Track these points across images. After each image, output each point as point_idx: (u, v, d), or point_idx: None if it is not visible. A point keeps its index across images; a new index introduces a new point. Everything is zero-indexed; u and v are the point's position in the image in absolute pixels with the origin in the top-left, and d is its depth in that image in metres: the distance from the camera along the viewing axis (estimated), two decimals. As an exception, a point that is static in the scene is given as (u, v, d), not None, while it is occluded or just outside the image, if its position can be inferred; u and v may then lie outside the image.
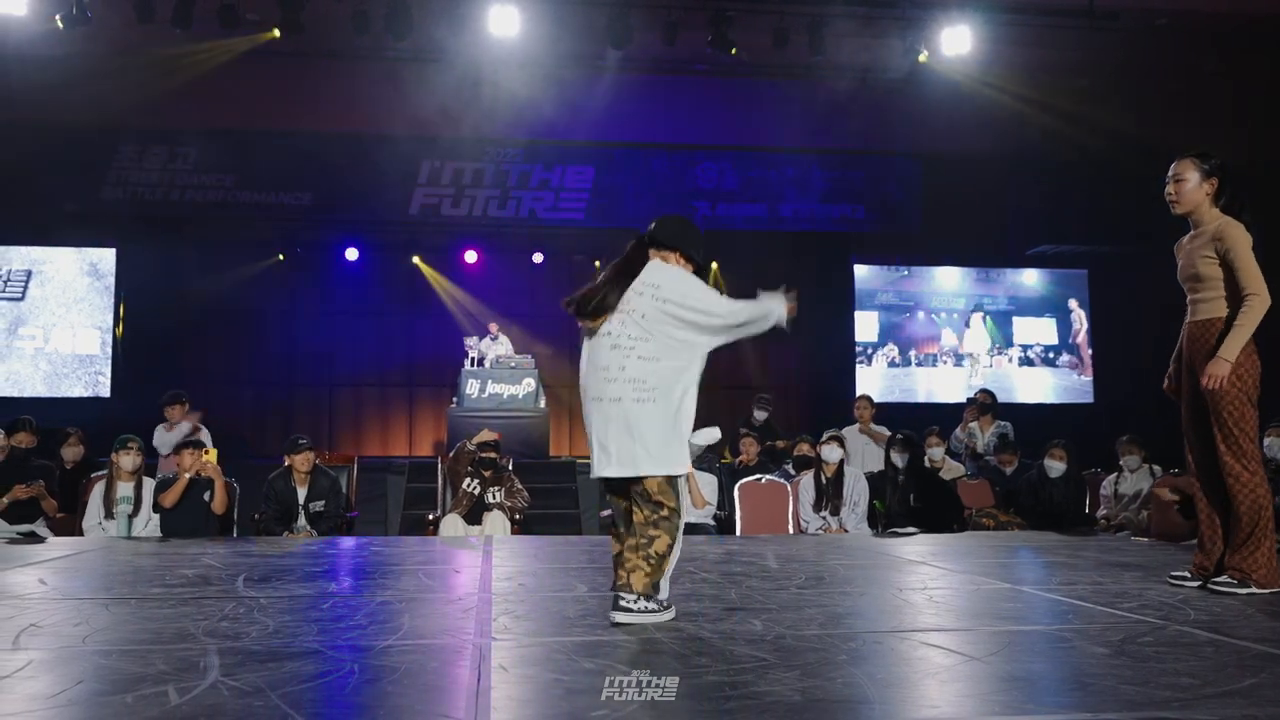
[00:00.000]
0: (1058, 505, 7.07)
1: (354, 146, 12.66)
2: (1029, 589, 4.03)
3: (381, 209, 13.00)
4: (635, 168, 13.21)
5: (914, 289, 13.63)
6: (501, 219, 13.20)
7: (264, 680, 2.35)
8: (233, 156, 12.62)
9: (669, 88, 12.11)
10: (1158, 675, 2.42)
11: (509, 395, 11.51)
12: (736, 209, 13.37)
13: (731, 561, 4.94)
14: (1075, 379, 13.55)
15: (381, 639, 2.89)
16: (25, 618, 3.24)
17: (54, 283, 12.43)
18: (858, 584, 4.16)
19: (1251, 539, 3.77)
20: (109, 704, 2.16)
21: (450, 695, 2.27)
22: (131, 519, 6.55)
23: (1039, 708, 2.18)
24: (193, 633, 2.96)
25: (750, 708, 2.11)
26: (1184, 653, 2.69)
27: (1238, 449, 3.79)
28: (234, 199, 12.73)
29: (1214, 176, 3.92)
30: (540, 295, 14.01)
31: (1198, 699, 2.20)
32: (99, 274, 12.48)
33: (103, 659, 2.63)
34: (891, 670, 2.56)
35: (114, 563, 4.94)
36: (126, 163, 12.49)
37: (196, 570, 4.49)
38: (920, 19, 10.00)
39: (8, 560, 4.94)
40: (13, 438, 6.86)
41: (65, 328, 12.40)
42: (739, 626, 3.09)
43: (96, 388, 12.33)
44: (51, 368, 12.36)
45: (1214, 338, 3.81)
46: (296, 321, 13.72)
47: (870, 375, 13.30)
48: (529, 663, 2.63)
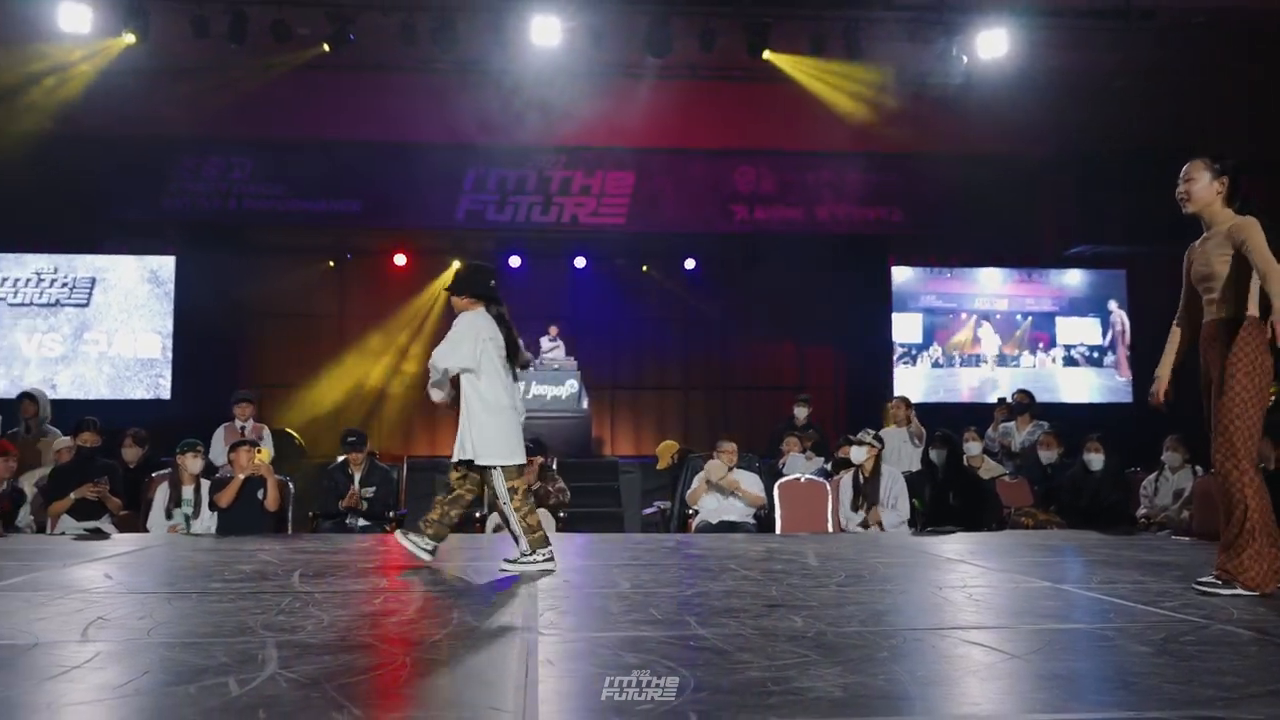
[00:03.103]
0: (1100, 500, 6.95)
1: (401, 155, 12.76)
2: (1069, 587, 3.97)
3: (428, 216, 13.07)
4: (674, 172, 13.16)
5: (956, 291, 13.48)
6: (544, 224, 13.21)
7: (320, 672, 2.37)
8: (285, 167, 12.76)
9: (707, 94, 12.06)
10: (1201, 674, 2.37)
11: (552, 396, 11.56)
12: (774, 212, 13.27)
13: (772, 559, 4.92)
14: (1115, 379, 13.35)
15: (432, 633, 2.91)
16: (93, 610, 3.29)
17: (116, 290, 12.65)
18: (897, 582, 4.13)
19: (1239, 541, 3.65)
20: (173, 694, 2.19)
21: (499, 688, 2.28)
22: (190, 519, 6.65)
23: (1081, 706, 2.14)
24: (251, 626, 2.99)
25: (793, 703, 2.09)
26: (1228, 652, 2.64)
27: (1229, 450, 3.69)
28: (287, 208, 12.87)
29: (1224, 176, 3.84)
30: (582, 299, 14.05)
31: (1243, 698, 2.15)
32: (159, 281, 12.68)
33: (167, 651, 2.67)
34: (932, 667, 2.53)
35: (175, 559, 5.01)
36: (185, 174, 12.67)
37: (253, 566, 4.54)
38: (957, 23, 9.87)
39: (75, 556, 5.04)
40: (78, 438, 6.99)
41: (127, 333, 12.60)
42: (780, 623, 3.07)
43: (157, 390, 12.52)
44: (114, 371, 12.57)
45: (1233, 335, 3.72)
46: (347, 326, 13.87)
47: (914, 376, 13.17)
48: (574, 657, 2.63)
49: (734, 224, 13.31)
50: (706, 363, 14.52)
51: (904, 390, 11.90)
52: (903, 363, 13.21)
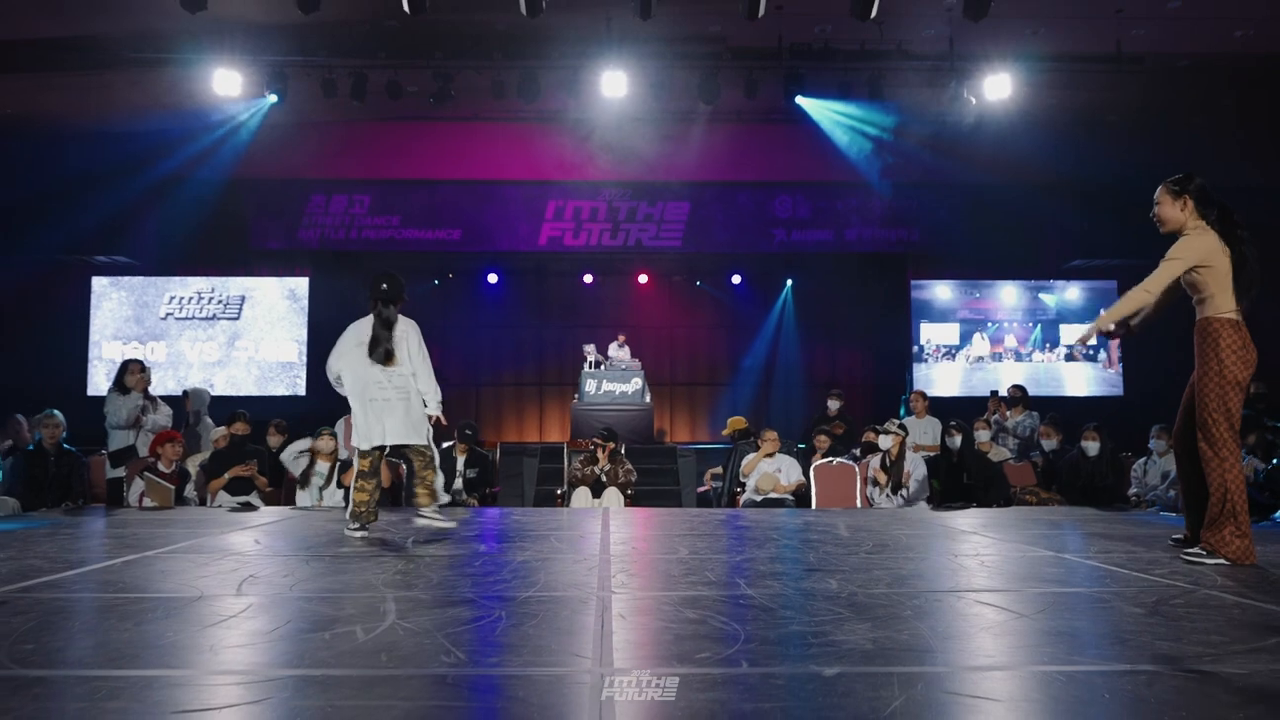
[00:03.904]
0: (1096, 481, 6.78)
1: (493, 191, 12.92)
2: (1070, 556, 3.87)
3: (516, 241, 13.21)
4: (723, 202, 13.14)
5: (983, 305, 13.36)
6: (613, 247, 13.29)
7: (431, 623, 2.40)
8: (397, 202, 13.00)
9: (750, 134, 12.02)
10: (1189, 633, 2.30)
11: (620, 392, 11.59)
12: (808, 234, 13.19)
13: (809, 530, 4.88)
14: (1107, 374, 13.07)
15: (522, 591, 2.92)
16: (245, 570, 3.38)
17: (261, 305, 12.99)
18: (918, 550, 4.06)
19: (1220, 518, 3.55)
20: (311, 639, 2.24)
21: (579, 638, 2.28)
22: (323, 490, 6.81)
23: (1081, 660, 2.08)
24: (374, 584, 3.03)
25: (830, 654, 2.08)
26: (1213, 614, 2.55)
27: (1209, 435, 3.57)
28: (399, 236, 13.10)
29: (1184, 195, 3.71)
30: (645, 310, 14.07)
31: (1227, 654, 2.08)
32: (295, 298, 13.00)
33: (305, 603, 2.72)
34: (950, 624, 2.49)
35: (311, 528, 5.10)
36: (315, 210, 12.98)
37: (375, 534, 4.58)
38: (966, 69, 9.69)
39: (231, 525, 5.17)
40: (232, 427, 7.18)
41: (270, 341, 12.94)
42: (817, 585, 3.04)
43: (294, 388, 12.83)
44: (260, 372, 12.91)
45: (1207, 335, 3.61)
46: (450, 334, 14.06)
47: (954, 370, 13.23)
48: (642, 612, 2.63)
49: (774, 245, 13.24)
50: (751, 363, 14.45)
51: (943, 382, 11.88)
52: (946, 359, 13.21)
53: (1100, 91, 10.25)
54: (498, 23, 9.06)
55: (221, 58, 9.29)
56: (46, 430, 6.56)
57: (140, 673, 1.94)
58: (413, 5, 7.70)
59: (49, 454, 6.52)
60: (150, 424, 6.81)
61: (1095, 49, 9.54)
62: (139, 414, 6.82)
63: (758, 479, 7.15)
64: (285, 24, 8.71)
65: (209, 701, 1.75)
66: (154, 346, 12.69)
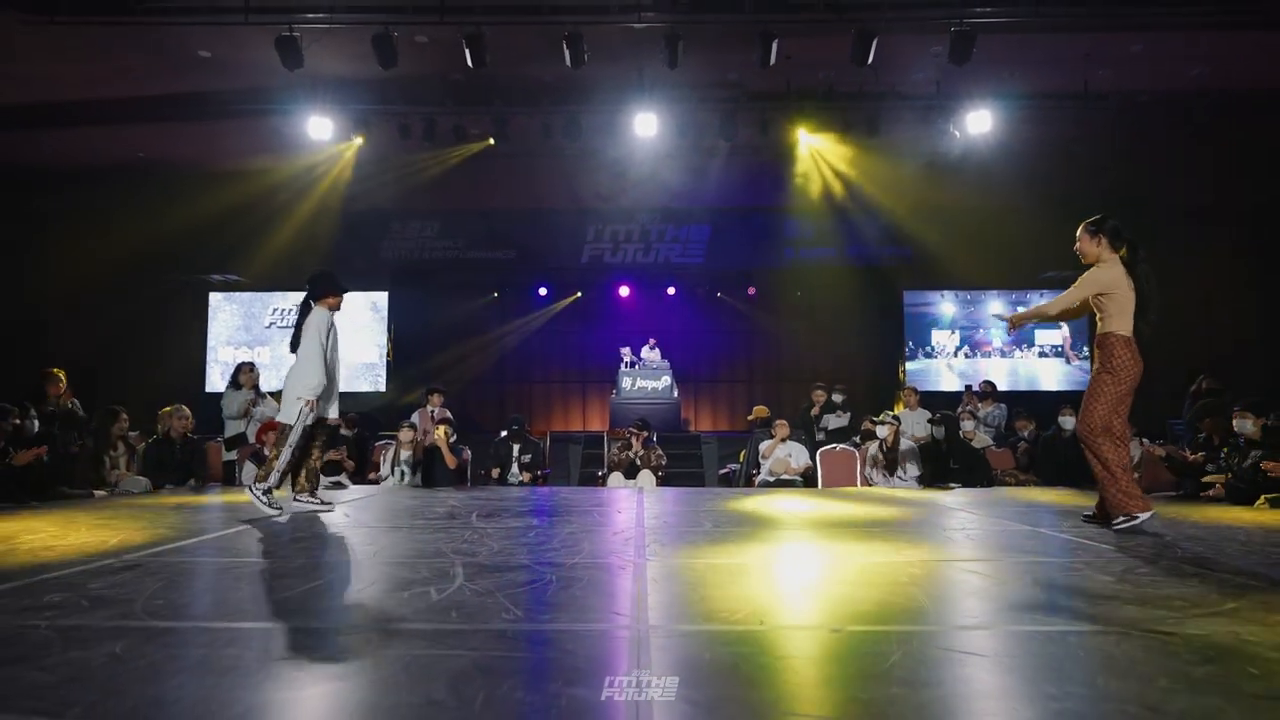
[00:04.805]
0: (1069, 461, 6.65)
1: (542, 217, 12.98)
2: (1045, 530, 3.80)
3: (562, 259, 13.26)
4: (741, 224, 13.08)
5: (977, 315, 13.16)
6: (645, 263, 13.29)
7: (493, 585, 2.41)
8: (462, 227, 13.11)
9: (764, 166, 11.93)
10: (1154, 598, 2.25)
11: (652, 388, 11.59)
12: (815, 251, 13.11)
13: (816, 508, 4.84)
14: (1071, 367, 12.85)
15: (569, 558, 2.93)
16: (336, 538, 3.43)
17: (348, 315, 13.00)
18: (912, 524, 4.01)
19: (1107, 486, 3.72)
20: (392, 597, 2.26)
21: (618, 598, 2.29)
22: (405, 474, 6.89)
23: (1057, 621, 2.05)
24: (444, 551, 3.06)
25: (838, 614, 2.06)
26: (1175, 581, 2.49)
27: (1089, 427, 3.75)
28: (464, 256, 13.20)
29: (1100, 234, 3.83)
30: (673, 317, 14.03)
31: (1189, 617, 2.03)
32: (377, 309, 13.14)
33: (386, 567, 2.75)
34: (941, 589, 2.46)
35: (391, 503, 5.16)
36: (394, 234, 13.13)
37: (445, 509, 4.63)
38: (952, 107, 9.55)
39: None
40: (325, 419, 7.30)
41: (356, 345, 13.08)
42: (823, 555, 3.01)
43: (376, 384, 12.97)
44: (349, 372, 13.03)
45: (1105, 347, 3.74)
46: (506, 339, 14.15)
47: (944, 367, 13.04)
48: (672, 577, 2.63)
49: (784, 261, 13.16)
50: (764, 362, 14.36)
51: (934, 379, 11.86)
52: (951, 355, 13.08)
53: (1070, 125, 10.06)
54: (546, 75, 9.11)
55: (315, 107, 9.43)
56: (174, 421, 6.71)
57: (251, 625, 1.98)
58: (475, 61, 7.77)
59: (175, 442, 6.67)
60: (258, 415, 6.94)
61: (1065, 88, 9.36)
62: (249, 407, 6.95)
63: (771, 463, 7.12)
64: (368, 78, 8.82)
65: (307, 650, 1.78)
66: (260, 351, 12.89)
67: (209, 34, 8.06)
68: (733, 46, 8.36)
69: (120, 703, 1.43)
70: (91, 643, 1.79)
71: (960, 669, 1.66)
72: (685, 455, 9.96)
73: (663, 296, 14.10)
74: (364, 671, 1.61)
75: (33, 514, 4.44)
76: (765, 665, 1.65)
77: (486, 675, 1.57)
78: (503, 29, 7.79)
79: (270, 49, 7.79)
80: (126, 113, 9.72)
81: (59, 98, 9.27)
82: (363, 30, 7.79)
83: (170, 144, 10.75)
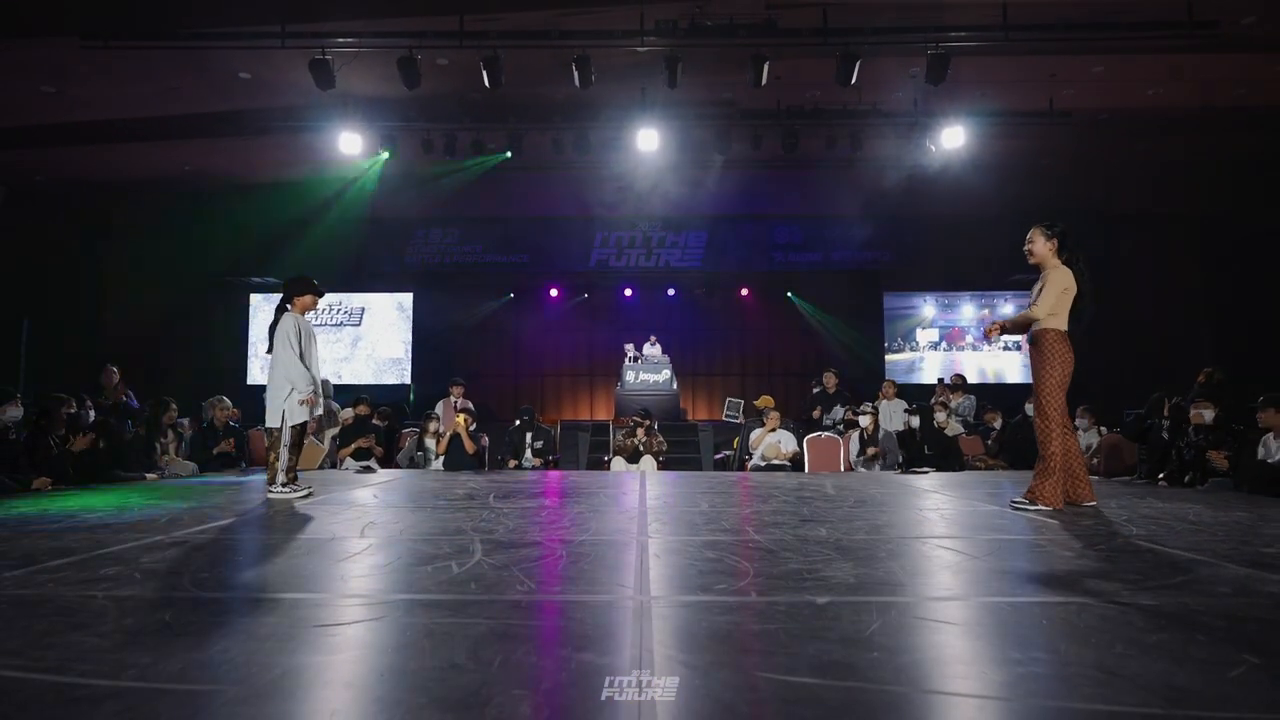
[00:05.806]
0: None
1: (553, 225, 12.96)
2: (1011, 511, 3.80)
3: (571, 263, 13.24)
4: (735, 231, 13.05)
5: (953, 316, 13.13)
6: (647, 267, 13.26)
7: (509, 560, 2.42)
8: (481, 233, 13.09)
9: (756, 177, 11.90)
10: (1111, 571, 2.25)
11: (653, 380, 11.58)
12: (802, 256, 13.07)
13: (803, 489, 4.84)
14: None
15: (578, 535, 2.93)
16: (367, 518, 3.43)
17: (377, 315, 13.16)
18: (890, 505, 4.01)
19: (1044, 474, 3.72)
20: (417, 571, 2.27)
21: (623, 572, 2.30)
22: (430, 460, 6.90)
23: (1023, 593, 2.05)
24: (464, 529, 3.06)
25: (821, 586, 2.06)
26: (1131, 557, 2.49)
27: (1044, 416, 3.77)
28: (482, 260, 13.19)
29: (1054, 238, 3.81)
30: (673, 316, 14.02)
31: (1141, 589, 2.03)
32: (403, 309, 13.15)
33: (412, 543, 2.75)
34: (916, 564, 2.46)
35: (416, 486, 5.18)
36: (417, 240, 13.11)
37: (465, 491, 4.64)
38: (928, 123, 9.52)
39: (355, 484, 5.27)
40: (356, 409, 7.33)
41: (384, 342, 13.10)
42: (810, 532, 3.02)
43: (402, 377, 12.98)
44: (377, 366, 13.08)
45: (1044, 343, 3.77)
46: (521, 336, 14.14)
47: (934, 359, 13.02)
48: (672, 552, 2.63)
49: (774, 265, 13.13)
50: (756, 357, 14.35)
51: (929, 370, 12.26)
52: (931, 349, 13.05)
53: (1036, 140, 10.03)
54: (557, 94, 9.08)
55: (346, 124, 9.42)
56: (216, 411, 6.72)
57: (288, 595, 1.98)
58: (492, 82, 7.75)
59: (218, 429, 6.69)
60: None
61: (1032, 106, 9.32)
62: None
63: (763, 448, 7.12)
64: (394, 97, 8.81)
65: (339, 618, 1.78)
66: (296, 347, 12.92)
67: (249, 57, 8.05)
68: (728, 68, 8.34)
69: (170, 665, 1.44)
70: (143, 612, 1.80)
71: (934, 636, 1.66)
72: (684, 442, 9.95)
73: (663, 297, 14.09)
74: (391, 637, 1.62)
75: (90, 495, 4.45)
76: (756, 632, 1.66)
77: (503, 641, 1.57)
78: (517, 52, 7.78)
79: (305, 71, 7.78)
80: (174, 129, 9.71)
81: (116, 115, 9.27)
82: (389, 53, 7.78)
83: (214, 158, 10.75)
